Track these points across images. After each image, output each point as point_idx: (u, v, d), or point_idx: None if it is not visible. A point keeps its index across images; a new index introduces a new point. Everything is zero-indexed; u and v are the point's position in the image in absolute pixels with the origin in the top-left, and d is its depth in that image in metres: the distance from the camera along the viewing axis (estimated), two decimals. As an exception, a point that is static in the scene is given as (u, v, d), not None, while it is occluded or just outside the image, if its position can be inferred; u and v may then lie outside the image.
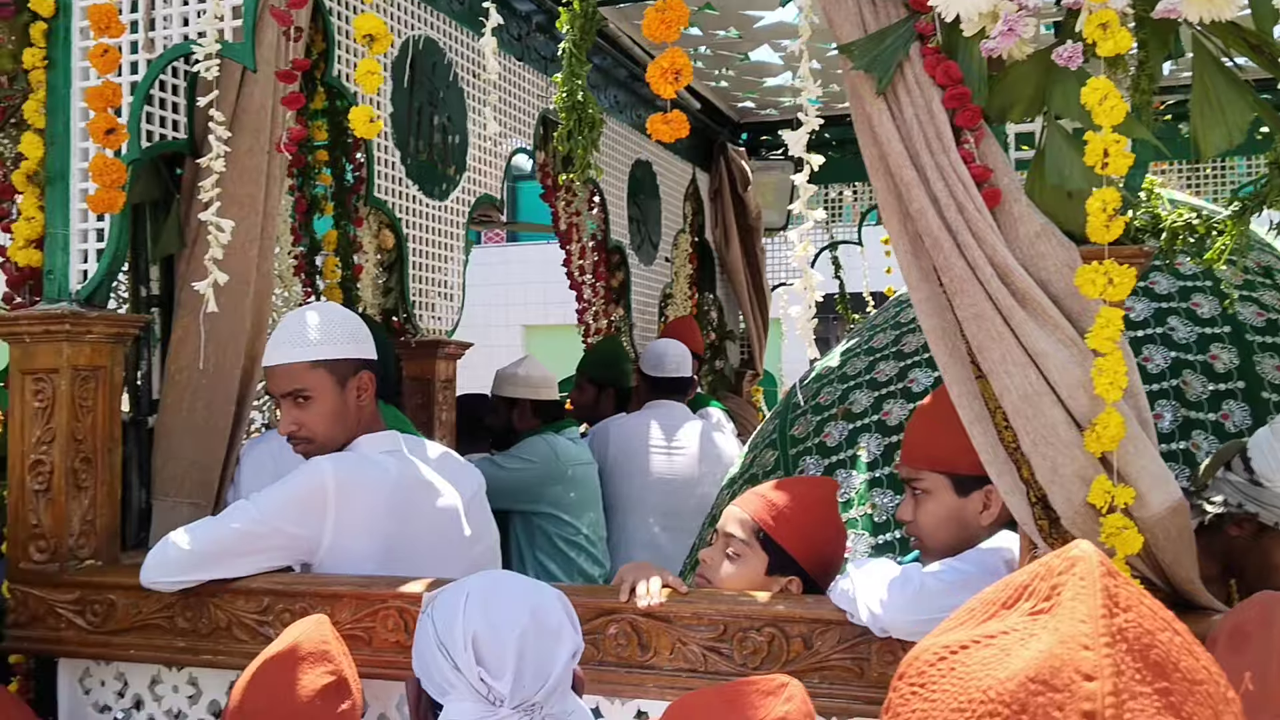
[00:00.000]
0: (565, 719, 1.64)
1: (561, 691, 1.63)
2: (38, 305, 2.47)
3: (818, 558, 2.16)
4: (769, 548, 2.13)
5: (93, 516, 2.46)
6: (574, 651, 1.65)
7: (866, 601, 1.82)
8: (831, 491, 2.25)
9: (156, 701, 2.38)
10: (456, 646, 1.57)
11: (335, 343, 2.39)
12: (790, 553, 2.13)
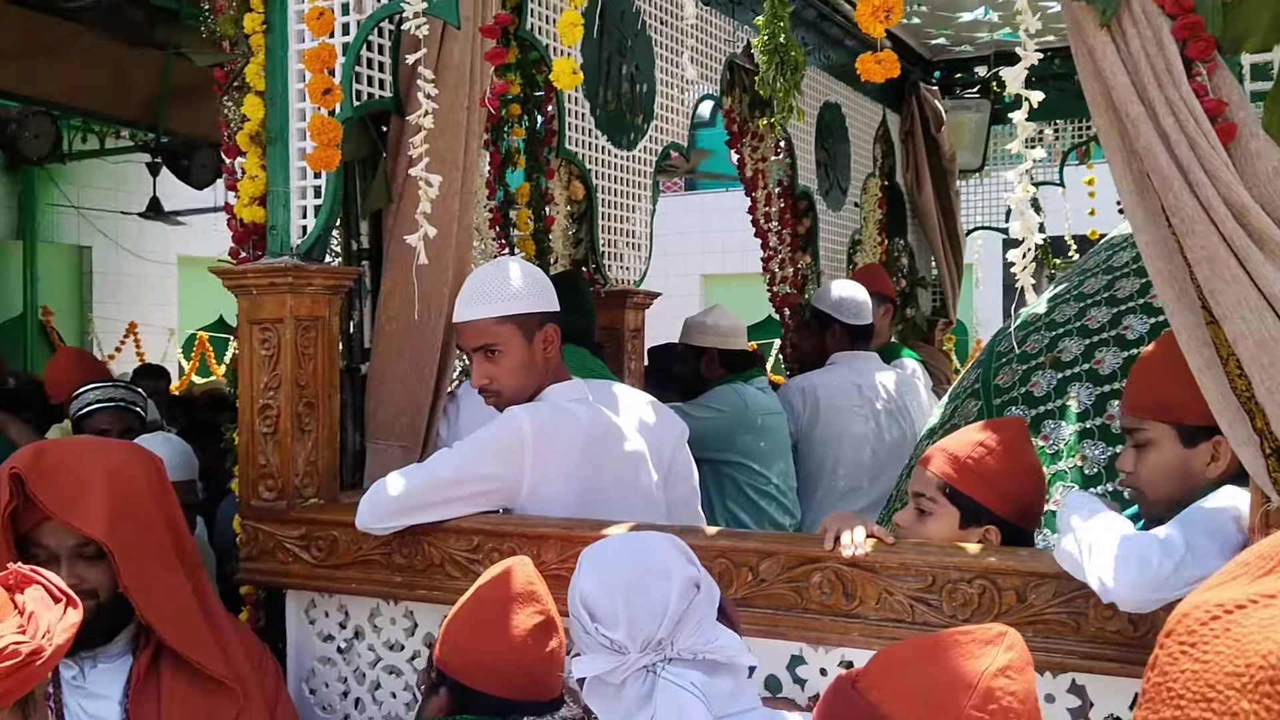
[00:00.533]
0: (709, 649, 1.68)
1: (696, 624, 1.68)
2: (262, 259, 2.61)
3: (1010, 502, 2.10)
4: (957, 500, 2.09)
5: (315, 458, 2.60)
6: (690, 583, 1.70)
7: (1098, 572, 1.74)
8: (1017, 431, 2.17)
9: (376, 632, 2.52)
10: (576, 610, 1.69)
11: (521, 297, 2.45)
12: (980, 501, 2.08)
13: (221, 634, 2.18)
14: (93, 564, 2.02)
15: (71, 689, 2.06)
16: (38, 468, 2.00)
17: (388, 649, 2.51)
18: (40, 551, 2.00)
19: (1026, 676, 1.22)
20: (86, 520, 1.99)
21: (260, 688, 2.19)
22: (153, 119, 7.79)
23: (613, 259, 3.77)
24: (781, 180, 4.74)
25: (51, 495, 1.98)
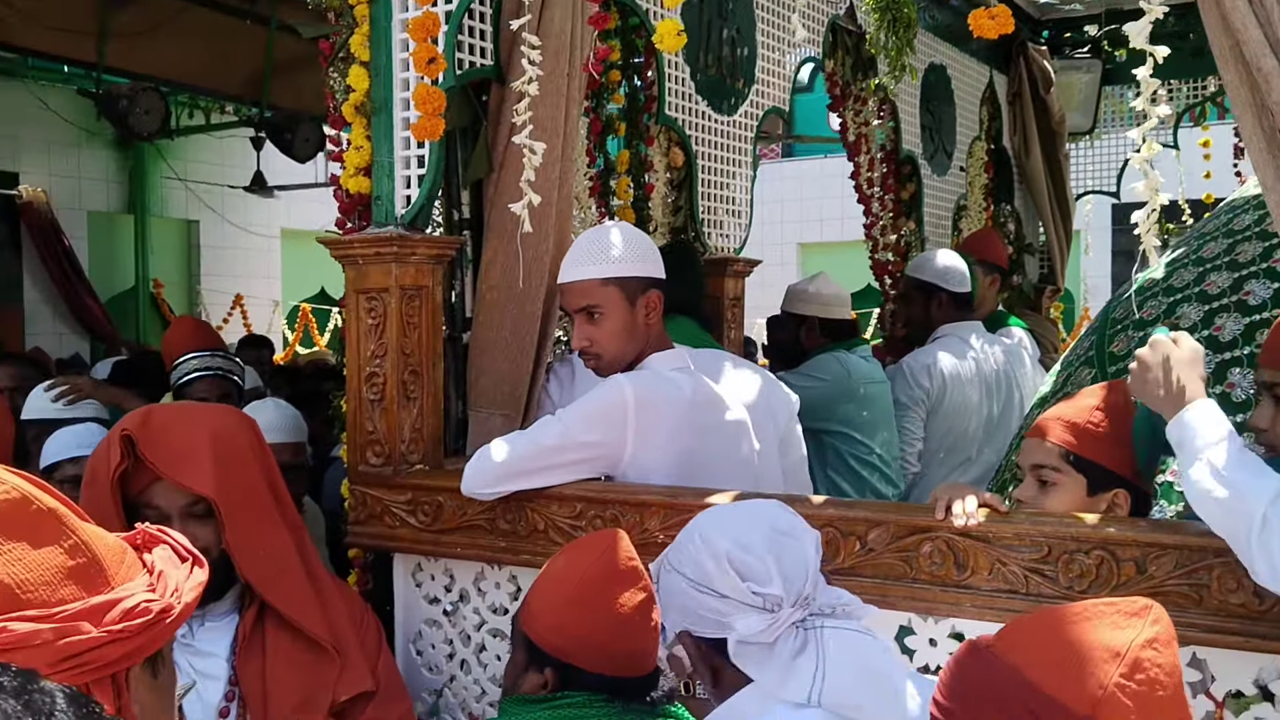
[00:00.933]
0: (839, 606, 1.69)
1: (824, 584, 1.71)
2: (367, 230, 2.64)
3: (1132, 463, 2.07)
4: (1083, 467, 2.03)
5: (420, 425, 2.63)
6: (817, 544, 1.72)
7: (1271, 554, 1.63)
8: (1126, 393, 2.11)
9: (481, 596, 2.55)
10: (715, 577, 1.62)
11: (626, 261, 2.44)
12: (1106, 465, 2.04)
13: (323, 594, 2.22)
14: (202, 523, 2.07)
15: (181, 647, 2.11)
16: (147, 429, 2.06)
17: (492, 612, 2.54)
18: (150, 513, 2.04)
19: (1172, 651, 1.19)
20: (196, 479, 2.04)
21: (361, 646, 2.22)
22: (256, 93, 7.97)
23: (712, 227, 3.74)
24: (885, 145, 4.64)
25: (161, 456, 2.04)
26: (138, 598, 1.14)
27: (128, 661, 1.14)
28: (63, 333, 9.52)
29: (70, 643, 1.09)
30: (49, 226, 9.29)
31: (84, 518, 1.19)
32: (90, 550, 1.16)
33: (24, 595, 1.10)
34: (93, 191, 9.89)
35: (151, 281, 10.40)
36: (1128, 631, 1.18)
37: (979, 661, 1.22)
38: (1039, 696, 1.14)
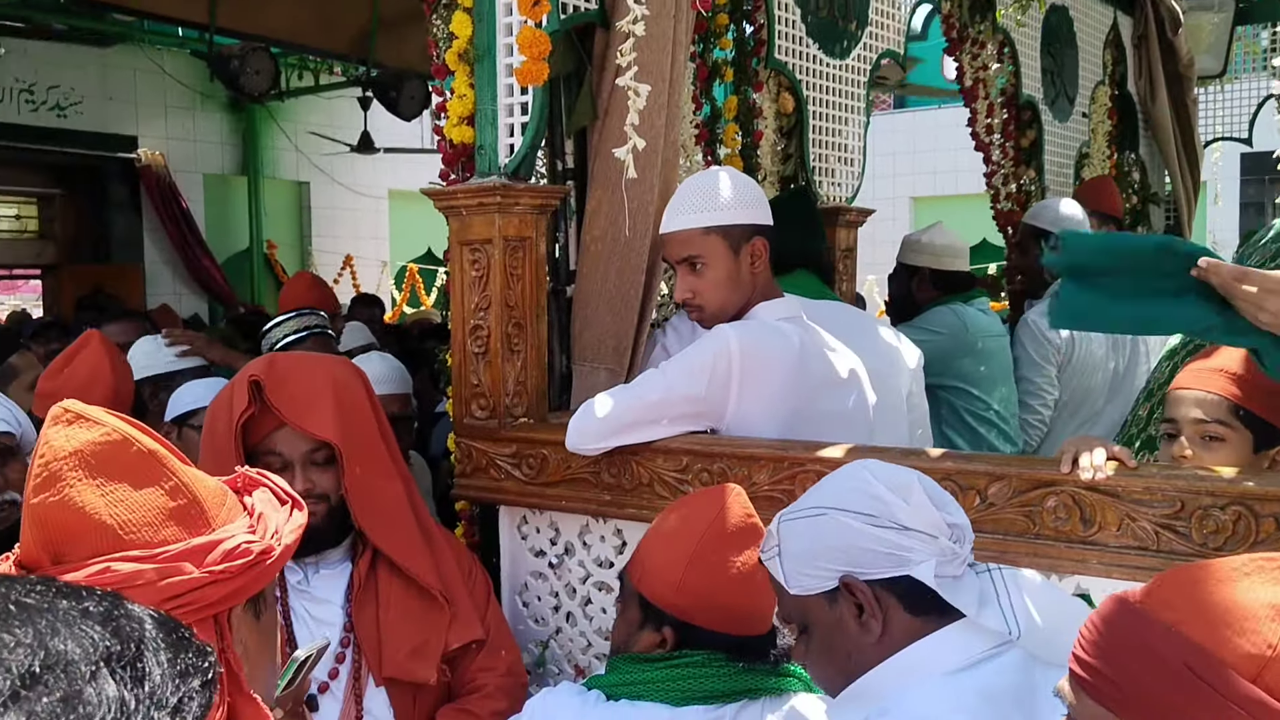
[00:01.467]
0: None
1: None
2: (471, 180, 2.61)
3: None
4: (1250, 422, 1.91)
5: (524, 378, 2.61)
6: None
7: None
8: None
9: (586, 549, 2.52)
10: (898, 509, 1.50)
11: (729, 208, 2.36)
12: (1273, 422, 1.93)
13: (433, 544, 2.23)
14: (323, 470, 2.09)
15: (297, 593, 2.14)
16: (273, 376, 2.07)
17: (597, 565, 2.51)
18: (273, 459, 2.07)
19: None
20: (321, 426, 2.06)
21: (470, 596, 2.23)
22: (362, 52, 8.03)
23: (823, 175, 3.63)
24: (1004, 90, 4.46)
25: (286, 403, 2.05)
26: (238, 539, 1.13)
27: (229, 602, 1.14)
28: (182, 293, 9.80)
29: (172, 583, 1.08)
30: (167, 189, 9.56)
31: (185, 461, 1.18)
32: (191, 492, 1.15)
33: (127, 536, 1.10)
34: (208, 154, 10.14)
35: (265, 243, 10.63)
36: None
37: (1129, 617, 1.12)
38: (1200, 654, 1.05)
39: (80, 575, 1.07)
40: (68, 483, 1.09)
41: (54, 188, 9.52)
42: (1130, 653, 1.10)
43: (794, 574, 1.55)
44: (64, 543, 1.10)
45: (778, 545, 1.58)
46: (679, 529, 1.83)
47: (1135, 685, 1.08)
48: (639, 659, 1.80)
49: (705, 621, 1.77)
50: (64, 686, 0.50)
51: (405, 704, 2.11)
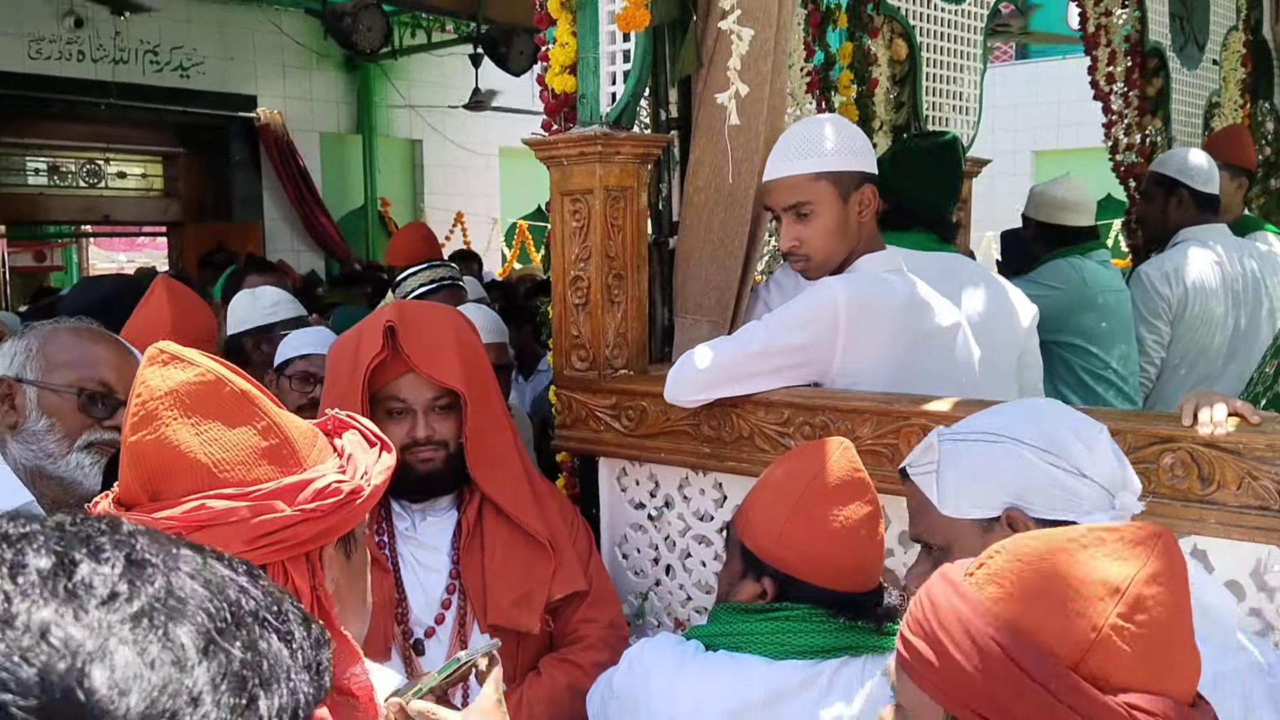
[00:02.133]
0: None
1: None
2: (572, 129, 2.59)
3: None
4: None
5: (624, 329, 2.59)
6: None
7: None
8: None
9: (685, 502, 2.50)
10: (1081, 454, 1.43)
11: (838, 154, 2.29)
12: None
13: (539, 494, 2.25)
14: (444, 417, 2.13)
15: (405, 539, 2.17)
16: (405, 322, 2.10)
17: (697, 518, 2.49)
18: (395, 405, 2.10)
19: (1181, 587, 1.00)
20: (447, 373, 2.09)
21: (573, 546, 2.24)
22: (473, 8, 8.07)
23: (938, 124, 3.52)
24: (1129, 36, 4.25)
25: (416, 349, 2.09)
26: (329, 478, 1.15)
27: (320, 541, 1.15)
28: (300, 250, 10.05)
29: (265, 520, 1.10)
30: (285, 147, 9.78)
31: (277, 403, 1.19)
32: (282, 432, 1.16)
33: (220, 474, 1.11)
34: (324, 113, 10.33)
35: (379, 200, 10.82)
36: (1130, 564, 0.99)
37: (952, 593, 1.03)
38: (1018, 636, 0.98)
39: (177, 512, 1.09)
40: (164, 421, 1.11)
41: (178, 147, 9.82)
42: (948, 632, 1.01)
43: (951, 494, 1.50)
44: (161, 480, 1.12)
45: (935, 463, 1.53)
46: (784, 480, 1.81)
47: (951, 668, 1.00)
48: (739, 609, 1.79)
49: (806, 574, 1.74)
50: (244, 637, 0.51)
51: (509, 651, 2.13)
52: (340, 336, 2.24)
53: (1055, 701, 0.95)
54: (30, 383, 2.04)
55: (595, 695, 1.95)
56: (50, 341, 2.05)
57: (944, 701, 1.02)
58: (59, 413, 2.04)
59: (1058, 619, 0.98)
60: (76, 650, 0.45)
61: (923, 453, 1.57)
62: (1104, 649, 0.97)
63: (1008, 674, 0.97)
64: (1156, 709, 0.96)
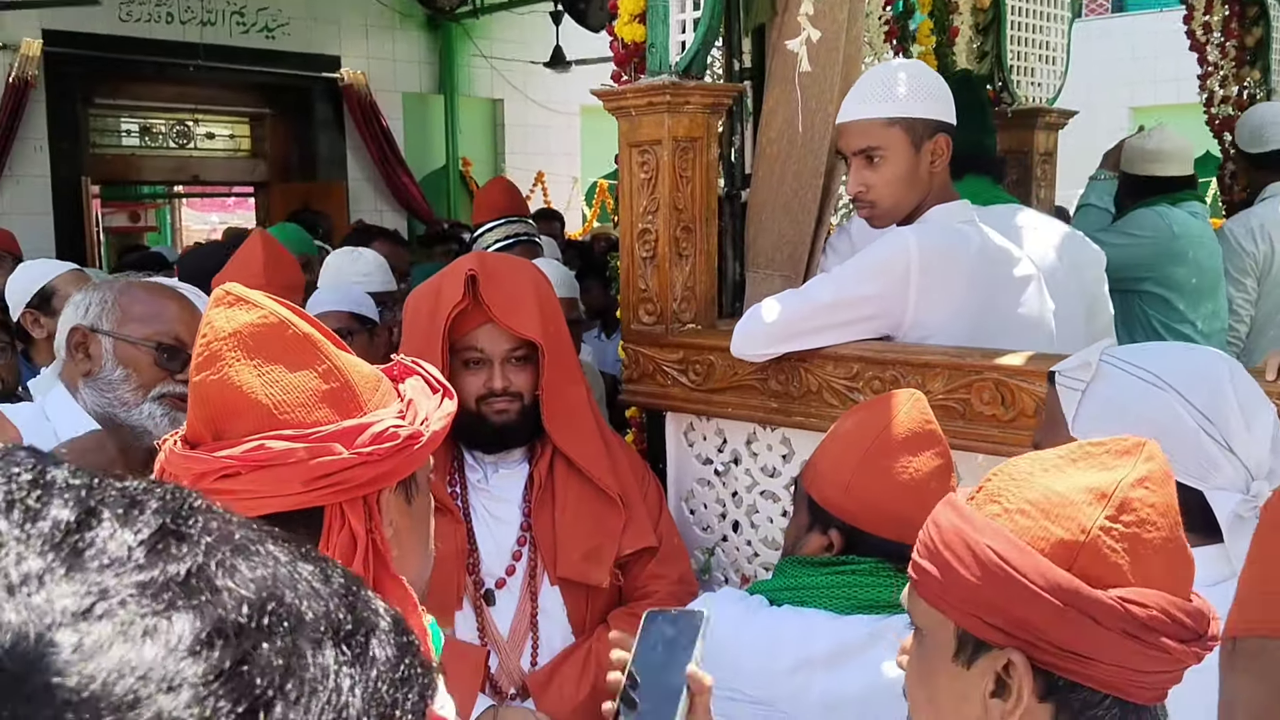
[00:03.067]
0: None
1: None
2: (641, 79, 2.55)
3: None
4: None
5: (692, 283, 2.56)
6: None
7: None
8: None
9: (753, 458, 2.48)
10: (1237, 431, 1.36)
11: (914, 100, 2.22)
12: None
13: (611, 449, 2.24)
14: (520, 368, 2.13)
15: (476, 491, 2.18)
16: (485, 272, 2.10)
17: (764, 474, 2.46)
18: (474, 355, 2.11)
19: (1168, 490, 1.06)
20: (526, 324, 2.09)
21: (644, 501, 2.24)
22: (552, -37, 8.01)
23: (1022, 74, 3.41)
24: (1227, -19, 4.07)
25: (496, 299, 2.09)
26: (387, 423, 1.14)
27: (378, 484, 1.15)
28: (383, 210, 10.15)
29: (322, 462, 1.09)
30: (368, 108, 9.86)
31: (341, 346, 1.19)
32: (343, 375, 1.16)
33: (280, 415, 1.12)
34: (406, 73, 10.39)
35: (460, 160, 10.87)
36: (1117, 471, 1.05)
37: (953, 514, 1.10)
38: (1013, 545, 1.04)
39: (236, 451, 1.09)
40: (226, 362, 1.12)
41: (264, 108, 9.96)
42: (951, 550, 1.08)
43: (1089, 420, 1.43)
44: (223, 420, 1.13)
45: (1088, 382, 1.45)
46: (853, 431, 1.77)
47: (954, 579, 1.07)
48: (805, 562, 1.76)
49: (873, 527, 1.70)
50: (288, 642, 0.46)
51: (579, 604, 2.15)
52: (419, 286, 2.25)
53: (1049, 599, 1.01)
54: (106, 333, 2.08)
55: None
56: (125, 295, 2.10)
57: (951, 612, 1.08)
58: (135, 364, 2.09)
59: (1049, 524, 1.04)
60: (50, 606, 0.41)
61: (1079, 365, 1.48)
62: (1094, 549, 1.02)
63: (1005, 578, 1.03)
64: (1149, 601, 1.01)
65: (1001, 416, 1.99)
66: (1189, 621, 1.03)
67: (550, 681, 2.09)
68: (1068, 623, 1.01)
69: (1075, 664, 1.02)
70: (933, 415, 1.75)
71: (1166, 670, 1.04)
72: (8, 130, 7.70)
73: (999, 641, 1.05)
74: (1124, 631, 1.00)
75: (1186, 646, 1.03)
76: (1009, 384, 1.98)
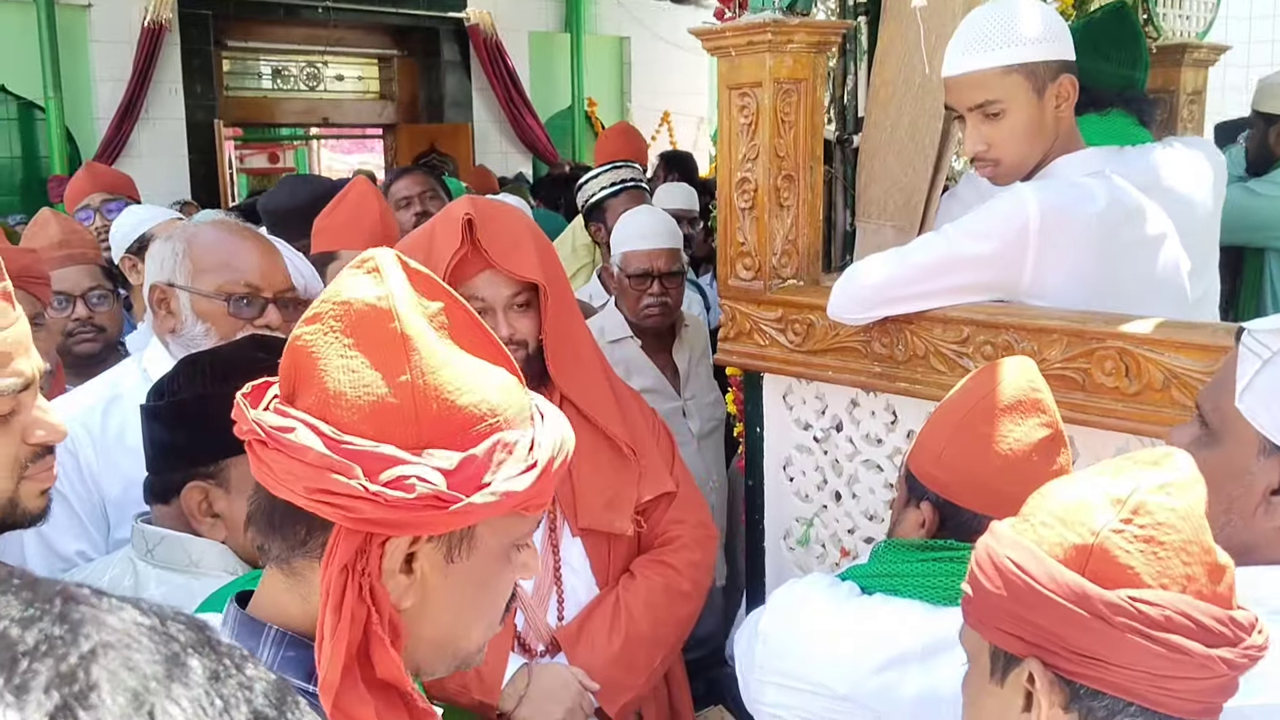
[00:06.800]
0: None
1: None
2: (743, 16, 2.39)
3: None
4: None
5: (795, 236, 2.40)
6: None
7: None
8: None
9: (855, 425, 2.32)
10: None
11: (1032, 43, 2.00)
12: None
13: (619, 396, 2.16)
14: (523, 314, 2.03)
15: None
16: (481, 216, 1.99)
17: (867, 442, 2.30)
18: (476, 304, 1.97)
19: (1193, 494, 1.04)
20: (527, 267, 1.99)
21: (658, 449, 2.17)
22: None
23: (1169, 5, 3.11)
24: None
25: (495, 244, 1.98)
26: (416, 470, 0.97)
27: (387, 529, 0.99)
28: (508, 152, 10.14)
29: (329, 478, 0.96)
30: (494, 48, 9.81)
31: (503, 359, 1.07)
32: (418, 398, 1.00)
33: (333, 407, 0.99)
34: (532, 11, 10.29)
35: (585, 100, 10.76)
36: (1139, 479, 1.05)
37: (989, 536, 1.13)
38: (1028, 553, 1.06)
39: (273, 420, 0.99)
40: (324, 329, 1.01)
41: (392, 49, 10.00)
42: (980, 568, 1.10)
43: (1259, 394, 1.24)
44: (297, 383, 1.02)
45: (1274, 354, 1.24)
46: (955, 398, 1.61)
47: (982, 596, 1.09)
48: (901, 546, 1.61)
49: (968, 501, 1.53)
50: None
51: (601, 554, 2.09)
52: (406, 237, 2.16)
53: (1059, 601, 1.01)
54: (182, 288, 2.05)
55: (741, 638, 1.82)
56: (195, 244, 2.05)
57: (982, 629, 1.10)
58: (212, 317, 2.06)
59: (1065, 531, 1.05)
60: None
61: (1272, 330, 1.27)
62: (1104, 551, 1.02)
63: (1021, 586, 1.04)
64: (1163, 601, 0.99)
65: (1125, 389, 1.80)
66: (1213, 625, 1.00)
67: (580, 636, 2.04)
68: (1079, 625, 1.01)
69: (1092, 669, 1.02)
70: (1043, 383, 1.56)
71: (1196, 678, 1.00)
72: (143, 73, 7.88)
73: (1020, 652, 1.06)
74: (1136, 632, 0.99)
75: (1211, 651, 0.99)
76: (1134, 354, 1.78)
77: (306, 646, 1.02)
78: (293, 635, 1.03)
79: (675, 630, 2.13)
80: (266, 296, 2.08)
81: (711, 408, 3.29)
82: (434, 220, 2.08)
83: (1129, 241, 1.97)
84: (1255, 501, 1.20)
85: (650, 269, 3.07)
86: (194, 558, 1.68)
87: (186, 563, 1.68)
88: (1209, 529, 1.04)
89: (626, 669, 2.05)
